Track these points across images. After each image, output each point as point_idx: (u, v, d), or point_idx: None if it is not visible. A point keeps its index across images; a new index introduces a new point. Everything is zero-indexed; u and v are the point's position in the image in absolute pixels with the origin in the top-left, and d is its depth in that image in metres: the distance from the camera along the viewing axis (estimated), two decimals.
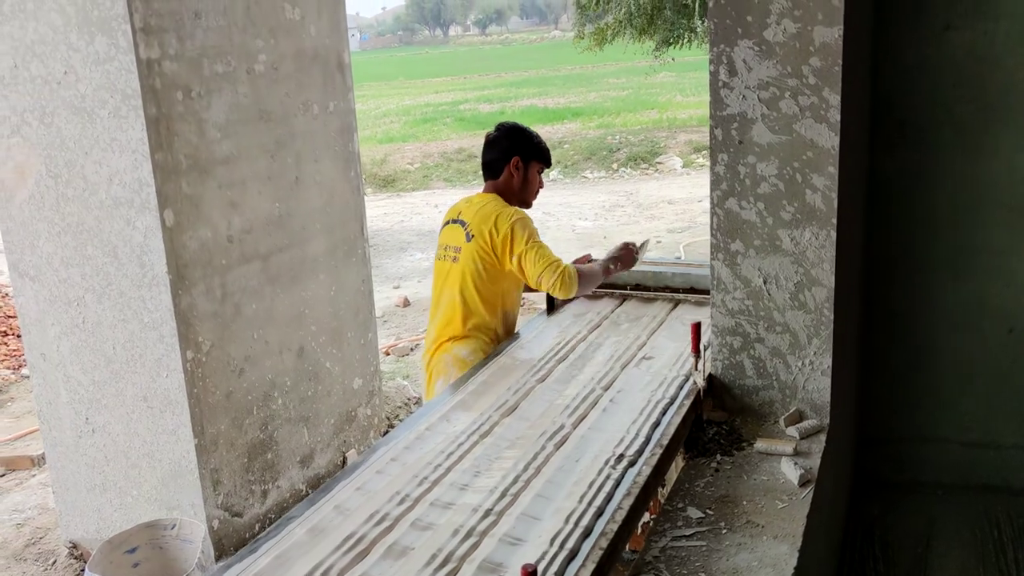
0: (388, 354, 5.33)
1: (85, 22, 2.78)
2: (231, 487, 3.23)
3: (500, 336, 3.01)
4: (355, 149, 3.87)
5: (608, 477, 1.89)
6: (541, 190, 3.20)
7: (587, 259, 3.44)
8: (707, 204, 3.91)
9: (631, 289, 3.32)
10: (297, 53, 3.46)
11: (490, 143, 3.17)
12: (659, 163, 14.49)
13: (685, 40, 16.86)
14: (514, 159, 3.07)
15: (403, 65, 50.43)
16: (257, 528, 3.36)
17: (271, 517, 3.43)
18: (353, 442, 3.95)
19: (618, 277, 3.24)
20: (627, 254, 3.12)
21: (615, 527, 1.67)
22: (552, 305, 3.29)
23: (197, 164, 3.01)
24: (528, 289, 3.12)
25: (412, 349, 5.51)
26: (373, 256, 4.19)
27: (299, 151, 3.49)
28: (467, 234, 2.98)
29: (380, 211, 11.51)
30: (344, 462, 3.88)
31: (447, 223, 3.14)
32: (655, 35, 16.79)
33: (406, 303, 6.78)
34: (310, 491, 3.64)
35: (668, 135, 15.81)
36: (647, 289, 3.30)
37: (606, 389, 2.39)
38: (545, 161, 3.17)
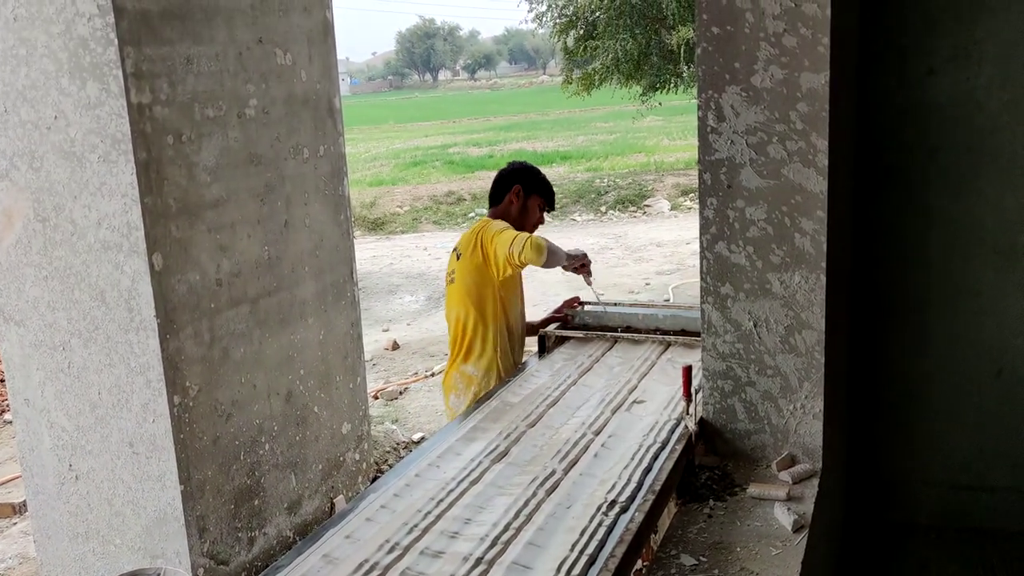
0: (377, 398, 5.30)
1: (77, 68, 2.79)
2: (217, 534, 3.18)
3: (507, 347, 3.18)
4: (345, 193, 3.88)
5: (600, 524, 1.87)
6: (540, 225, 3.36)
7: (576, 302, 3.48)
8: (695, 246, 3.95)
9: (622, 331, 3.33)
10: (288, 98, 3.48)
11: (498, 175, 3.43)
12: (647, 206, 14.60)
13: (672, 85, 17.14)
14: (515, 187, 3.32)
15: (393, 109, 50.85)
16: None
17: (257, 565, 3.36)
18: (341, 488, 3.90)
19: (610, 319, 3.36)
20: (586, 260, 3.31)
21: (607, 575, 1.65)
22: (544, 347, 3.30)
23: (186, 208, 3.00)
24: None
25: (401, 393, 5.48)
26: (362, 299, 4.18)
27: (289, 195, 3.49)
28: (457, 254, 3.24)
29: (369, 254, 11.52)
30: (332, 508, 3.83)
31: (451, 252, 3.39)
32: (642, 80, 17.06)
33: (395, 346, 6.75)
34: (297, 538, 3.59)
35: (656, 178, 15.94)
36: (638, 331, 3.32)
37: (597, 434, 2.37)
38: (547, 198, 3.37)
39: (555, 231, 12.79)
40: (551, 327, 3.47)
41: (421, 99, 64.99)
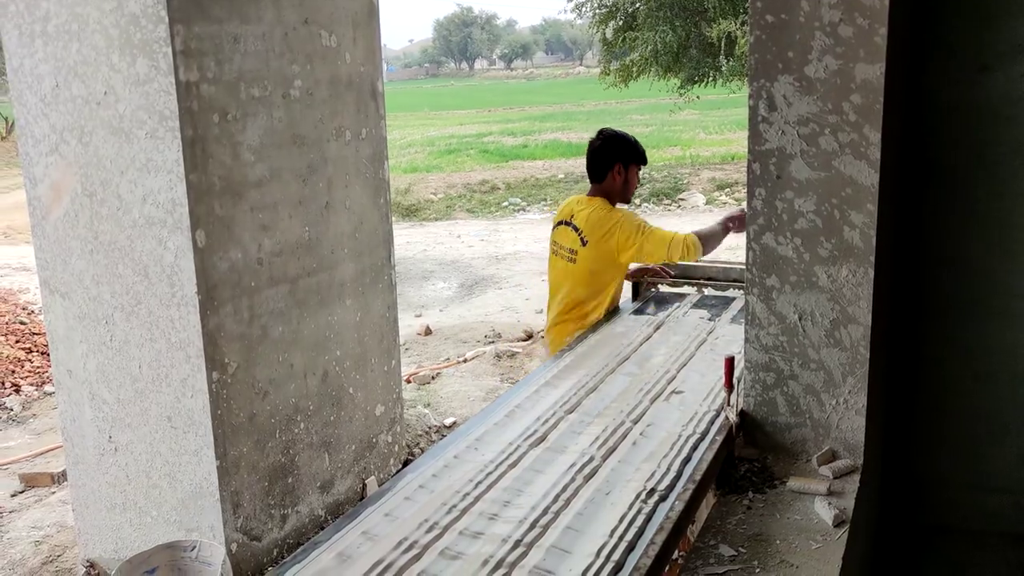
0: (410, 382, 5.32)
1: (127, 44, 2.81)
2: (251, 511, 3.21)
3: (609, 309, 3.65)
4: (385, 176, 3.89)
5: (639, 512, 1.86)
6: (638, 186, 3.75)
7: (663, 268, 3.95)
8: (730, 240, 3.98)
9: (706, 280, 3.76)
10: (332, 79, 3.49)
11: (593, 151, 3.66)
12: (682, 199, 14.49)
13: (710, 79, 16.98)
14: (616, 165, 3.58)
15: (429, 97, 50.91)
16: (275, 553, 3.33)
17: (289, 542, 3.40)
18: (373, 469, 3.93)
19: (693, 270, 3.80)
20: (742, 215, 3.57)
21: (648, 562, 1.64)
22: (637, 293, 3.86)
23: (230, 186, 3.03)
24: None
25: (433, 377, 5.50)
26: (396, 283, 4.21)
27: (331, 176, 3.51)
28: (582, 239, 3.53)
29: (403, 240, 11.56)
30: (363, 489, 3.86)
31: (559, 223, 3.69)
32: (680, 73, 16.93)
33: (428, 332, 6.77)
34: (329, 517, 3.62)
35: (691, 172, 15.83)
36: (718, 280, 3.73)
37: (636, 422, 2.36)
38: (642, 161, 3.68)
39: None
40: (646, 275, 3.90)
41: (457, 87, 64.98)
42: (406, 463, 4.15)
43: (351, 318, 3.71)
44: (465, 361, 5.86)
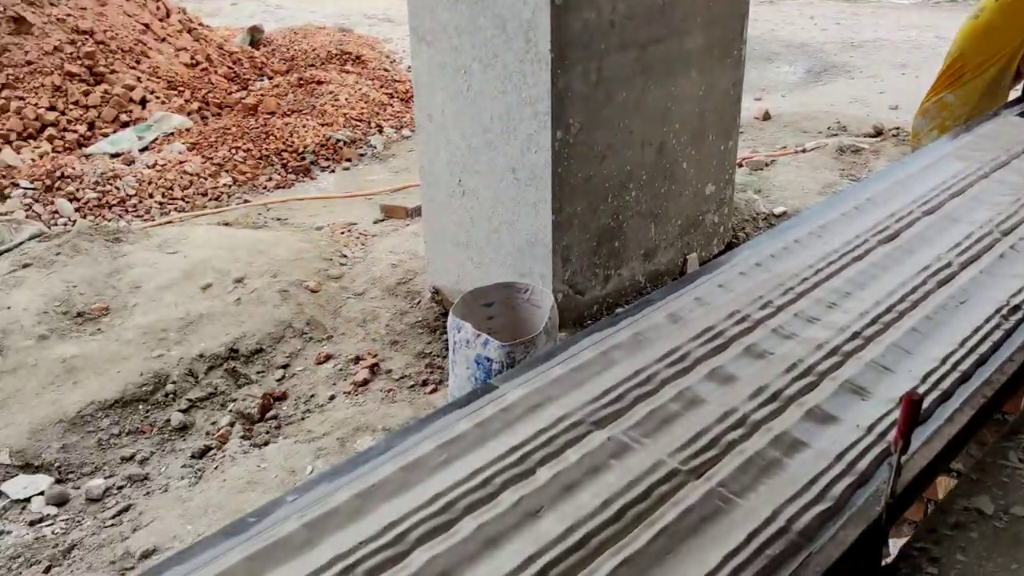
0: (742, 165, 5.15)
1: None
2: (578, 266, 3.39)
3: (995, 88, 3.46)
4: None
5: (997, 326, 1.71)
6: None
7: None
8: None
9: None
10: None
11: None
12: None
13: None
14: None
15: None
16: (595, 308, 3.52)
17: (609, 301, 3.57)
18: (696, 246, 3.94)
19: None
20: None
21: (1002, 379, 1.52)
22: None
23: None
24: None
25: (767, 164, 5.28)
26: None
27: None
28: None
29: (750, 17, 10.83)
30: (684, 264, 3.90)
31: None
32: None
33: (766, 116, 6.44)
34: (648, 285, 3.73)
35: None
36: None
37: (1006, 234, 2.11)
38: None
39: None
40: None
41: None
42: (729, 246, 4.11)
43: (694, 91, 3.60)
44: (804, 151, 5.54)
